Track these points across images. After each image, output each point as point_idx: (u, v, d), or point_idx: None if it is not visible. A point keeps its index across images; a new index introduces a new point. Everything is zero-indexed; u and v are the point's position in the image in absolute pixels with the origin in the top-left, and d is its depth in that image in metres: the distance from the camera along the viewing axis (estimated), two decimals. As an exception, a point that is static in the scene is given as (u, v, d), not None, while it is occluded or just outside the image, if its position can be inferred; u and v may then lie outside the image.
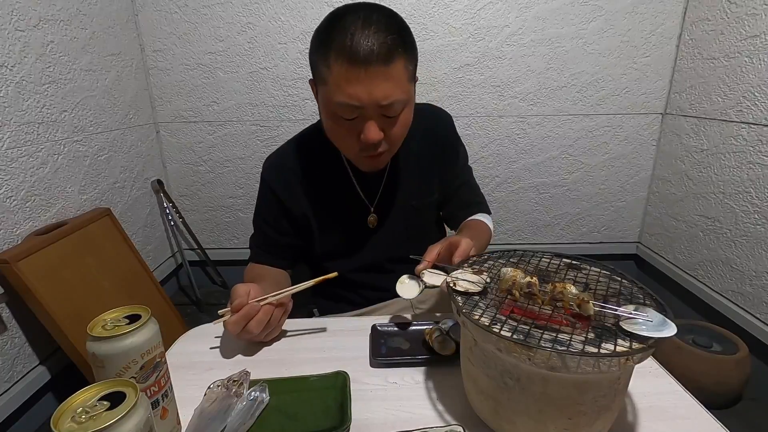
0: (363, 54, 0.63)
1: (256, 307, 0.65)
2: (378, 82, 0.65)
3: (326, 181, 0.88)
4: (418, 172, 0.92)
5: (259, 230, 0.94)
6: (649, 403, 0.56)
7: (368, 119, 0.69)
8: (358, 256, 0.93)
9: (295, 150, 0.89)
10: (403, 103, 0.71)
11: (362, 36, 0.63)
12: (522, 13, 1.71)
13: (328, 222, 0.90)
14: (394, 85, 0.67)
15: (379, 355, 0.65)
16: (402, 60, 0.67)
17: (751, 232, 1.43)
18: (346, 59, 0.64)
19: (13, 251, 1.10)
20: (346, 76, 0.65)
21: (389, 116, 0.70)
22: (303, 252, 0.96)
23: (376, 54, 0.64)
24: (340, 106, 0.68)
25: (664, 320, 0.43)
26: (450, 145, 0.94)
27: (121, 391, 0.36)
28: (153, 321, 0.47)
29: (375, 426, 0.53)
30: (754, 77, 1.40)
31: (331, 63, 0.66)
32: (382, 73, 0.65)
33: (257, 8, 1.71)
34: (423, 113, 0.89)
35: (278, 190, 0.87)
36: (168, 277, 1.98)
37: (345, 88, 0.66)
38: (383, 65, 0.65)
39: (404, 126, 0.75)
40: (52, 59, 1.31)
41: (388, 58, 0.65)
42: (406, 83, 0.70)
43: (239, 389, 0.54)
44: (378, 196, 0.90)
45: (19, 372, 1.18)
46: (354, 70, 0.64)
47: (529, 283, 0.50)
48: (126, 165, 1.67)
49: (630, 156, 1.91)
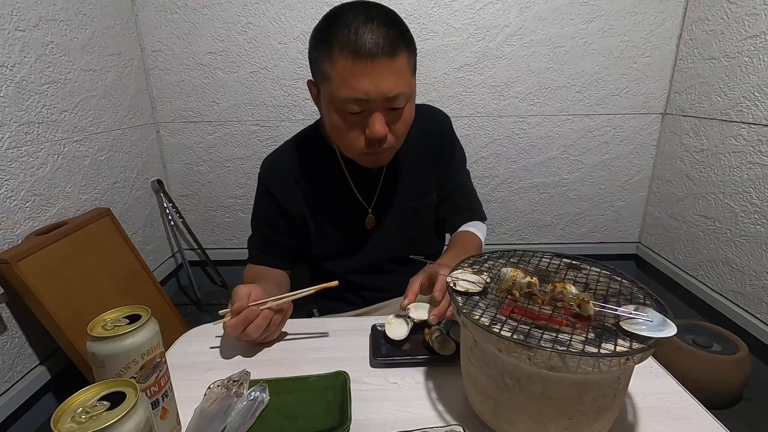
0: (369, 47, 0.64)
1: (255, 312, 0.65)
2: (384, 75, 0.66)
3: (323, 182, 0.88)
4: (416, 173, 0.91)
5: (257, 231, 0.93)
6: (649, 403, 0.56)
7: (374, 113, 0.69)
8: (356, 257, 0.93)
9: (292, 151, 0.89)
10: (407, 97, 0.71)
11: (366, 30, 0.64)
12: (522, 13, 1.71)
13: (326, 223, 0.90)
14: (399, 78, 0.67)
15: (379, 355, 0.65)
16: (405, 53, 0.68)
17: (751, 232, 1.43)
18: (351, 53, 0.64)
19: (13, 251, 1.10)
20: (351, 70, 0.65)
21: (394, 109, 0.70)
22: (301, 253, 0.96)
23: (382, 47, 0.64)
24: (346, 101, 0.68)
25: (664, 320, 0.43)
26: (447, 146, 0.93)
27: (121, 391, 0.36)
28: (153, 321, 0.47)
29: (375, 426, 0.53)
30: (754, 77, 1.40)
31: (336, 58, 0.66)
32: (388, 65, 0.66)
33: (257, 8, 1.71)
34: (421, 114, 0.88)
35: (275, 191, 0.87)
36: (168, 277, 1.98)
37: (351, 82, 0.66)
38: (388, 58, 0.65)
39: (407, 121, 0.75)
40: (52, 59, 1.31)
41: (392, 51, 0.65)
42: (409, 76, 0.71)
43: (239, 389, 0.54)
44: (375, 197, 0.89)
45: (19, 372, 1.18)
46: (360, 64, 0.64)
47: (529, 283, 0.50)
48: (126, 165, 1.67)
49: (630, 156, 1.91)
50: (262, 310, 0.66)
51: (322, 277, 1.00)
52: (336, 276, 0.94)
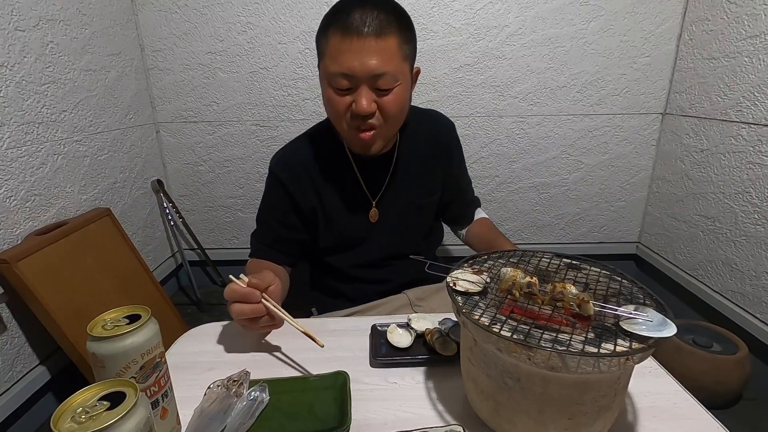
0: (356, 25, 0.69)
1: (256, 298, 0.65)
2: (370, 53, 0.70)
3: (333, 175, 0.90)
4: (422, 173, 0.95)
5: (264, 225, 0.95)
6: (649, 403, 0.56)
7: (360, 88, 0.73)
8: (358, 251, 0.95)
9: (303, 145, 0.92)
10: (395, 78, 0.74)
11: (358, 12, 0.70)
12: (522, 13, 1.71)
13: (332, 214, 0.92)
14: (385, 58, 0.71)
15: (379, 355, 0.65)
16: (395, 37, 0.72)
17: (751, 232, 1.43)
18: (341, 30, 0.70)
19: (13, 251, 1.10)
20: (339, 47, 0.71)
21: (381, 89, 0.74)
22: (306, 248, 0.98)
23: (368, 26, 0.69)
24: (334, 76, 0.73)
25: (664, 320, 0.43)
26: (454, 150, 1.00)
27: (121, 391, 0.36)
28: (153, 321, 0.47)
29: (375, 426, 0.53)
30: (754, 77, 1.40)
31: (329, 35, 0.72)
32: (375, 44, 0.70)
33: (257, 8, 1.71)
34: (430, 118, 0.98)
35: (289, 185, 0.89)
36: (168, 277, 1.98)
37: (338, 57, 0.71)
38: (375, 37, 0.70)
39: (398, 104, 0.77)
40: (52, 59, 1.31)
41: (380, 31, 0.70)
42: (398, 59, 0.74)
43: (239, 389, 0.54)
44: (381, 192, 0.92)
45: (19, 372, 1.18)
46: (347, 40, 0.70)
47: (529, 283, 0.50)
48: (126, 165, 1.67)
49: (630, 156, 1.91)
50: (260, 301, 0.66)
51: (323, 274, 1.01)
52: (337, 270, 0.97)
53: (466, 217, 1.08)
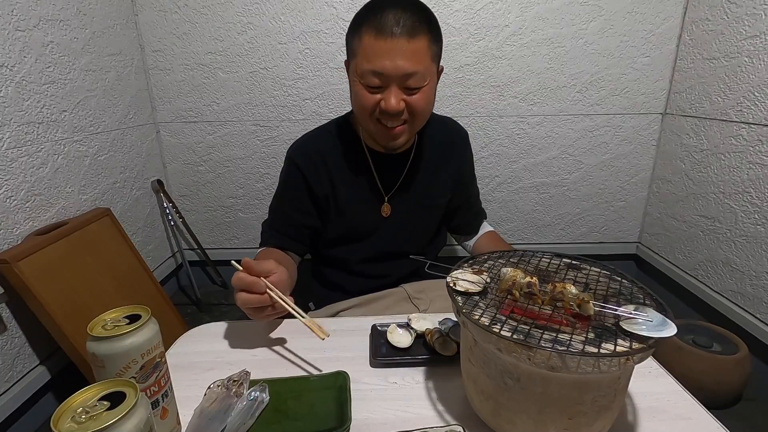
0: (390, 26, 0.72)
1: (261, 288, 0.65)
2: (402, 53, 0.73)
3: (348, 166, 0.93)
4: (435, 175, 0.98)
5: (277, 211, 0.97)
6: (649, 403, 0.56)
7: (391, 87, 0.76)
8: (366, 244, 0.97)
9: (322, 136, 0.95)
10: (424, 77, 0.77)
11: (391, 12, 0.72)
12: (522, 13, 1.71)
13: (346, 204, 0.94)
14: (416, 58, 0.74)
15: (379, 355, 0.65)
16: (425, 38, 0.75)
17: (751, 232, 1.43)
18: (374, 30, 0.73)
19: (13, 251, 1.10)
20: (372, 46, 0.74)
21: (410, 88, 0.77)
22: (317, 236, 1.00)
23: (401, 27, 0.72)
24: (365, 74, 0.76)
25: (664, 320, 0.43)
26: (466, 157, 1.04)
27: (121, 391, 0.36)
28: (153, 321, 0.47)
29: (375, 426, 0.53)
30: (754, 77, 1.40)
31: (362, 35, 0.75)
32: (406, 45, 0.73)
33: (257, 8, 1.71)
34: (446, 125, 1.01)
35: (305, 170, 0.92)
36: (168, 277, 1.98)
37: (371, 56, 0.74)
38: (407, 38, 0.72)
39: (425, 103, 0.80)
40: (52, 59, 1.31)
41: (412, 33, 0.73)
42: (428, 60, 0.77)
43: (239, 389, 0.54)
44: (395, 189, 0.95)
45: (19, 372, 1.18)
46: (380, 41, 0.73)
47: (529, 283, 0.50)
48: (126, 165, 1.67)
49: (630, 156, 1.90)
50: (265, 292, 0.66)
51: (324, 265, 1.03)
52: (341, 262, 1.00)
53: (472, 228, 1.11)
